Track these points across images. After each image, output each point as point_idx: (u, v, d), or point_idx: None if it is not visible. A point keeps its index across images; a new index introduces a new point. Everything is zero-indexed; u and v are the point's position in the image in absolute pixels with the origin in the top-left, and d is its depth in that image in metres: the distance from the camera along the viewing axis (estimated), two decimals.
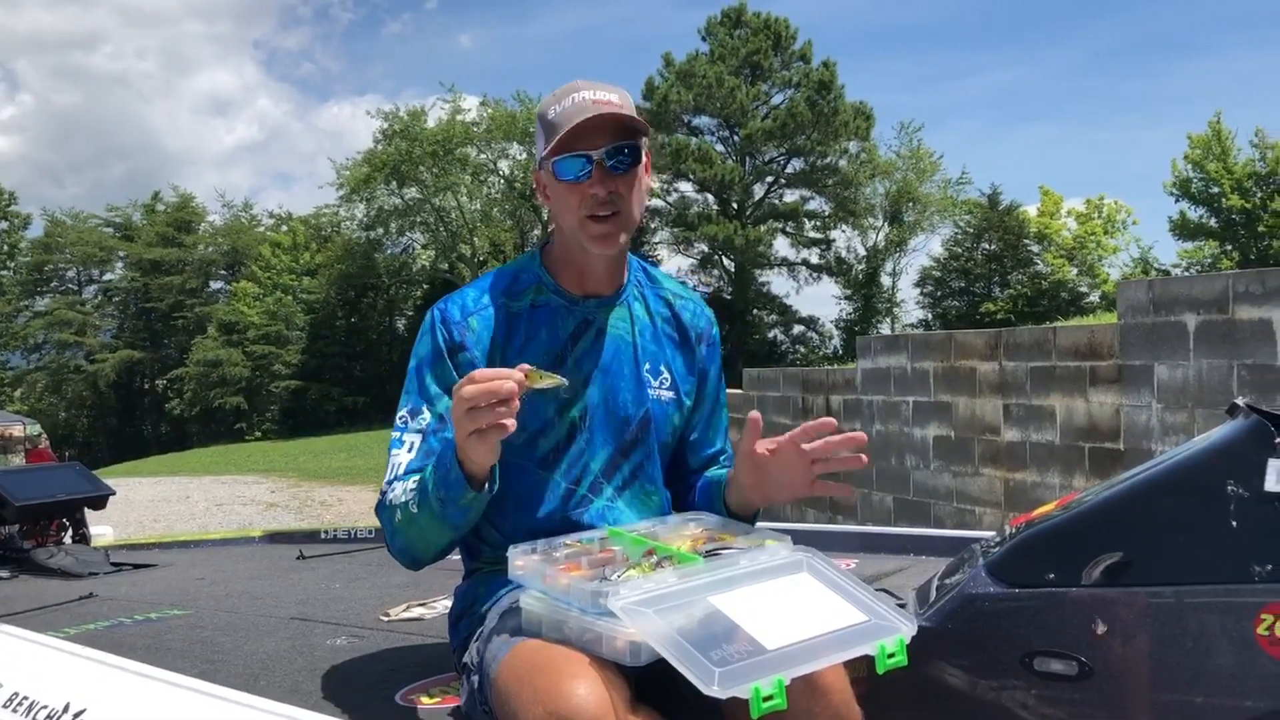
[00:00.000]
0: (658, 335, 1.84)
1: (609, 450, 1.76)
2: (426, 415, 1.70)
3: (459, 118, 35.47)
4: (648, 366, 1.80)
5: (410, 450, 1.68)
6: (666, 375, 1.82)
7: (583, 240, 1.71)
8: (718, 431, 1.95)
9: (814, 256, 37.24)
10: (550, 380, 1.48)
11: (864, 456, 1.66)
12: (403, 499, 1.62)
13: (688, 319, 1.88)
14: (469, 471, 1.52)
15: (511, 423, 1.44)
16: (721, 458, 1.95)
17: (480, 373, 1.44)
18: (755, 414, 1.67)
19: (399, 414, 1.73)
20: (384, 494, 1.68)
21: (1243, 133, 34.37)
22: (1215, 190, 30.44)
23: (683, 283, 2.00)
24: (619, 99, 1.68)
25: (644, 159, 1.73)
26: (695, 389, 1.88)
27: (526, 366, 1.47)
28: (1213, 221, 31.16)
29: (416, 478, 1.63)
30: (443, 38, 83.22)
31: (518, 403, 1.44)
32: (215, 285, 44.78)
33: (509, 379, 1.42)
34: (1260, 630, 1.37)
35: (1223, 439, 1.49)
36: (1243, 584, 1.39)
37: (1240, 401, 1.53)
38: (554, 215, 1.76)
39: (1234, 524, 1.41)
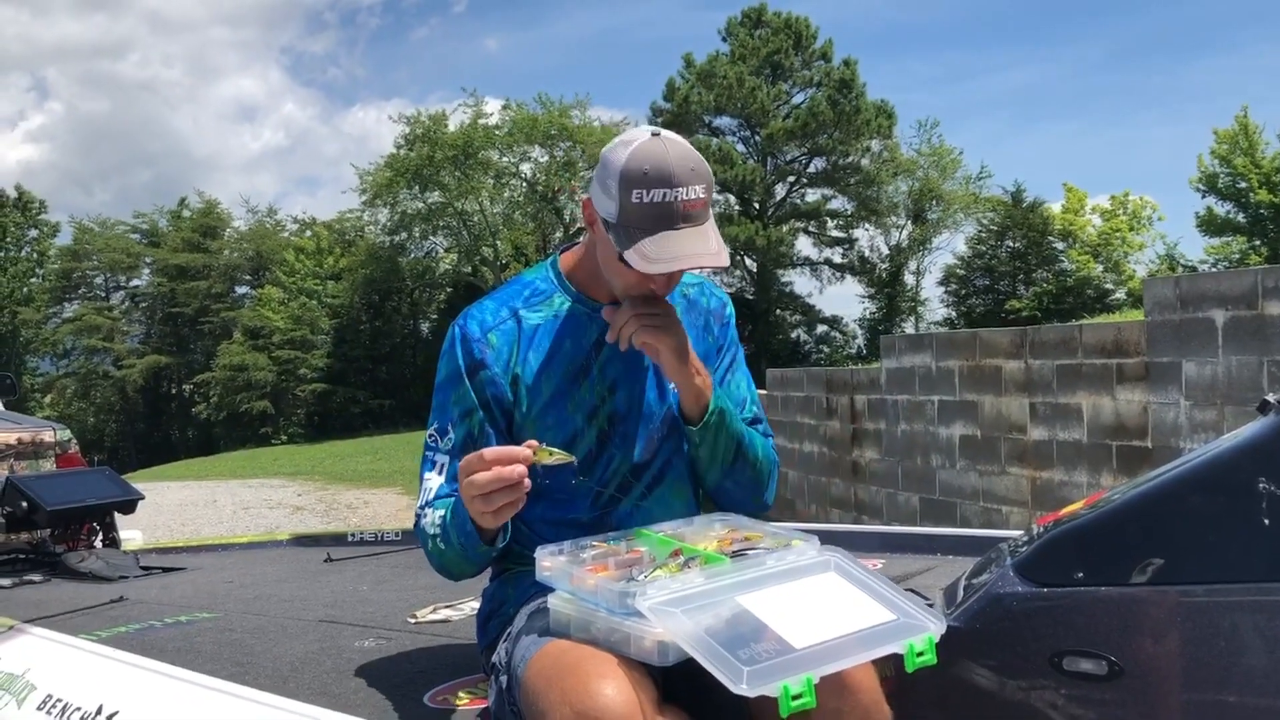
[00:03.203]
0: None
1: (637, 451, 1.76)
2: (453, 435, 1.73)
3: (481, 121, 35.56)
4: None
5: (440, 473, 1.73)
6: None
7: (620, 297, 1.70)
8: (743, 404, 1.88)
9: (837, 256, 37.16)
10: (560, 458, 1.52)
11: None
12: (432, 531, 1.68)
13: (702, 304, 1.88)
14: (481, 528, 1.57)
15: (523, 499, 1.49)
16: (757, 426, 1.89)
17: (490, 453, 1.47)
18: None
19: (428, 432, 1.77)
20: (419, 517, 1.72)
21: (1270, 127, 34.01)
22: (1243, 185, 30.10)
23: (718, 282, 1.98)
24: (705, 189, 1.60)
25: None
26: (715, 370, 1.86)
27: (534, 444, 1.50)
28: (1240, 217, 30.82)
29: (444, 508, 1.67)
30: (468, 41, 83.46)
31: (529, 482, 1.48)
32: (240, 290, 45.03)
33: (518, 461, 1.46)
34: None
35: (1254, 436, 1.48)
36: (1275, 582, 1.38)
37: (1271, 398, 1.52)
38: (599, 257, 1.72)
39: (1266, 522, 1.39)
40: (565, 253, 1.84)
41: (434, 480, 1.72)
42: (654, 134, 1.63)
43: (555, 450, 1.52)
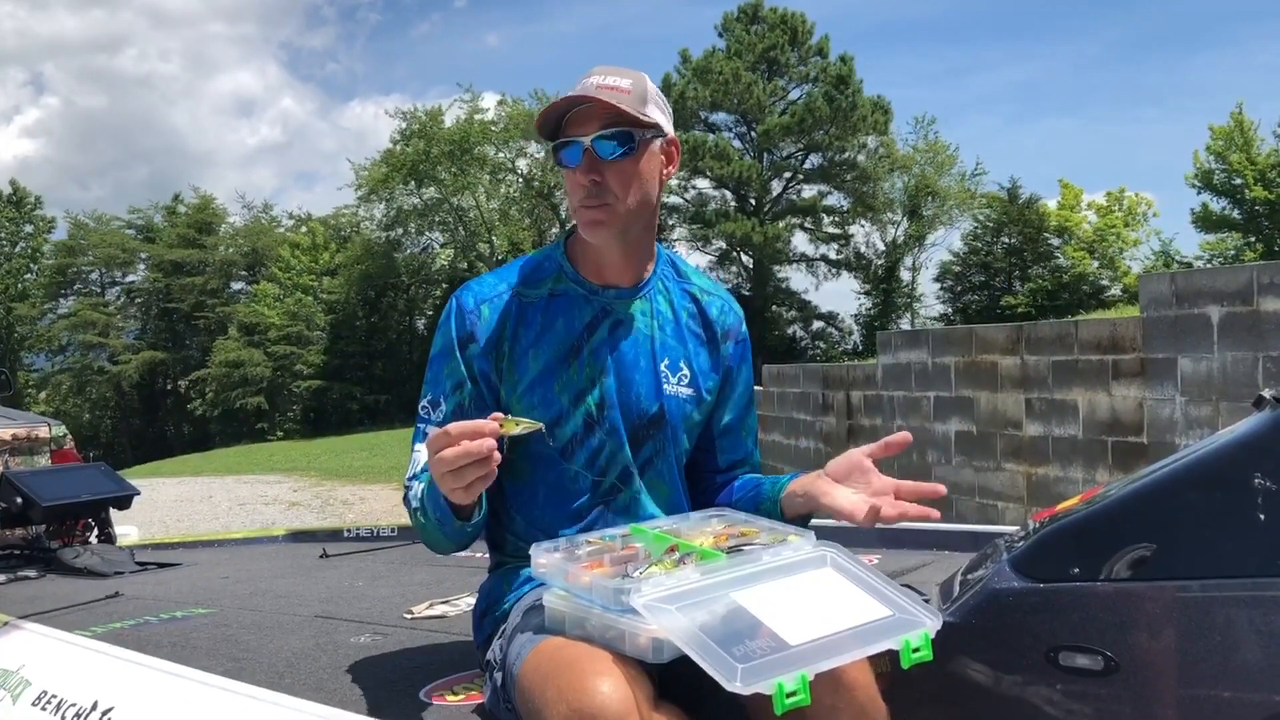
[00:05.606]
0: (680, 331, 1.81)
1: (625, 439, 1.74)
2: (444, 407, 1.72)
3: (477, 117, 35.53)
4: (666, 362, 1.77)
5: None
6: (686, 372, 1.79)
7: (579, 225, 1.72)
8: (749, 432, 1.92)
9: (833, 252, 37.18)
10: (526, 426, 1.48)
11: (936, 512, 1.63)
12: (415, 504, 1.66)
13: (714, 315, 1.85)
14: (455, 505, 1.54)
15: (493, 473, 1.44)
16: (747, 463, 1.92)
17: (455, 428, 1.42)
18: (907, 434, 1.67)
19: (421, 403, 1.75)
20: (407, 489, 1.70)
21: (1266, 123, 34.10)
22: (1238, 182, 30.15)
23: (715, 279, 1.97)
24: (631, 83, 1.65)
25: (645, 150, 1.67)
26: (719, 387, 1.85)
27: (500, 415, 1.47)
28: (1235, 213, 30.86)
29: (427, 481, 1.63)
30: (469, 36, 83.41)
31: (499, 455, 1.44)
32: (236, 286, 44.97)
33: (484, 435, 1.41)
34: None
35: (1249, 431, 1.48)
36: (1270, 577, 1.38)
37: (1267, 394, 1.52)
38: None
39: (1261, 517, 1.39)
40: (573, 234, 1.83)
41: (423, 453, 1.69)
42: None
43: (522, 420, 1.49)
